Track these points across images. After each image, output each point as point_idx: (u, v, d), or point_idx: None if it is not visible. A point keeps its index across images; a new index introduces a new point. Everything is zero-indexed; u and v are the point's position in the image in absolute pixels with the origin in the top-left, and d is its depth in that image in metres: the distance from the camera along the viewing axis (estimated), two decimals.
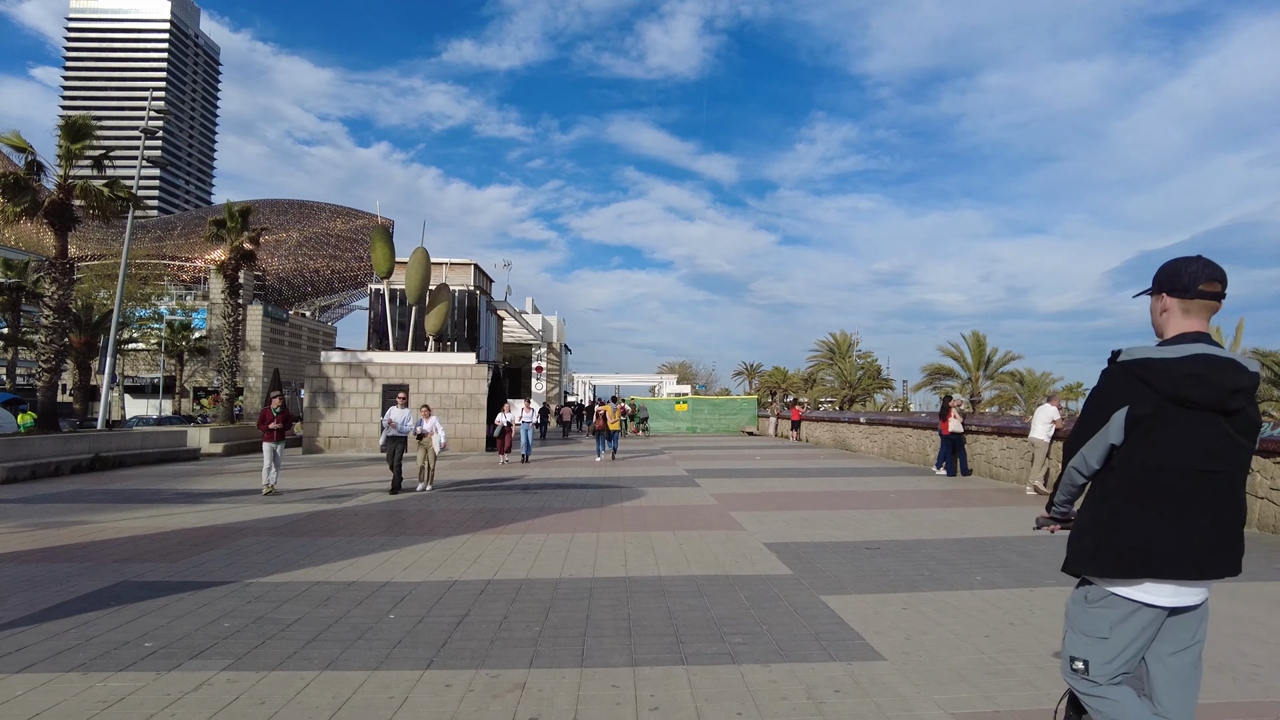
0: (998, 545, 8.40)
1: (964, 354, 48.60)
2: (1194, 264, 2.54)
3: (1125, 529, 2.47)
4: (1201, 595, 2.50)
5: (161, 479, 16.58)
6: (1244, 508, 2.49)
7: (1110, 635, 2.52)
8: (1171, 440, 2.42)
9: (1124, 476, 2.49)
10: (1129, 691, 2.55)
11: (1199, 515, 2.43)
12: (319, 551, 8.32)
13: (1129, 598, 2.49)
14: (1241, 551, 2.48)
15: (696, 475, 16.64)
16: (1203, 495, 2.43)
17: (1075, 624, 2.65)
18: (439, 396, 25.55)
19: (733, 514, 10.87)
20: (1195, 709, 2.56)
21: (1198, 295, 2.51)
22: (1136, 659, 2.55)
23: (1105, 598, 2.54)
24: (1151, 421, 2.42)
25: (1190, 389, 2.38)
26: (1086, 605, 2.61)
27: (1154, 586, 2.46)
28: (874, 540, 8.77)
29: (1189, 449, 2.42)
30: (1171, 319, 2.57)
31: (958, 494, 13.23)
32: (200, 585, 6.72)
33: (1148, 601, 2.47)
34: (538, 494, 13.45)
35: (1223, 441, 2.42)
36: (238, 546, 8.61)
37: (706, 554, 7.99)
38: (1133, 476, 2.47)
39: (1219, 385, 2.37)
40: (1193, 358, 2.40)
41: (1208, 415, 2.41)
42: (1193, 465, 2.42)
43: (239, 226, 27.99)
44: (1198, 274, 2.52)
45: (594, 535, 9.20)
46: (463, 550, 8.30)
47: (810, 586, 6.54)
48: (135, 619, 5.63)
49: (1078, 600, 2.67)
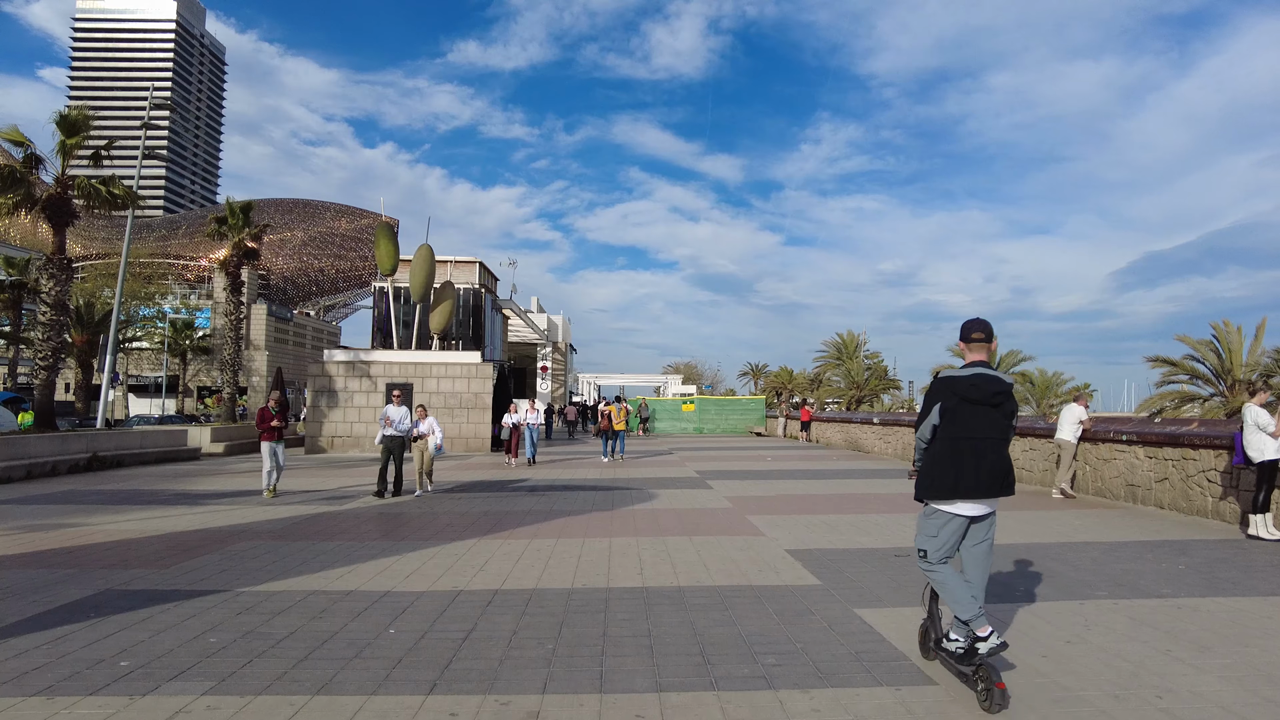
0: (1034, 553, 7.92)
1: None
2: (969, 323, 4.24)
3: (943, 472, 4.06)
4: (988, 509, 4.13)
5: (159, 479, 16.18)
6: (1008, 459, 4.10)
7: (938, 534, 4.16)
8: (965, 421, 4.05)
9: (942, 443, 4.12)
10: (950, 569, 4.18)
11: (982, 463, 4.00)
12: (317, 557, 7.89)
13: (948, 511, 4.11)
14: (1012, 483, 4.10)
15: (708, 477, 16.18)
16: (984, 451, 4.02)
17: (920, 529, 4.29)
18: (443, 396, 25.14)
19: (750, 518, 10.41)
20: (987, 579, 4.25)
21: (971, 341, 4.18)
22: (954, 549, 4.20)
23: (935, 513, 4.18)
24: (954, 411, 4.07)
25: (971, 393, 4.03)
26: (925, 517, 4.26)
27: (961, 505, 4.07)
28: (902, 547, 8.30)
29: (974, 426, 4.04)
30: (966, 355, 4.23)
31: None
32: (189, 594, 6.29)
33: (958, 513, 4.10)
34: (545, 496, 13.01)
35: (993, 421, 4.06)
36: (232, 552, 8.19)
37: (727, 561, 7.53)
38: (946, 442, 4.10)
39: (987, 390, 4.03)
40: (973, 375, 4.07)
41: (984, 407, 4.04)
42: (977, 435, 4.03)
43: (240, 223, 27.60)
44: (969, 328, 4.21)
45: (606, 541, 8.75)
46: (468, 556, 7.86)
47: (842, 598, 6.08)
48: (115, 633, 5.19)
49: (922, 514, 4.32)
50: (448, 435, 24.94)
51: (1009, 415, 4.10)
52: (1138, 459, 11.38)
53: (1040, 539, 8.74)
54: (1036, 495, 12.92)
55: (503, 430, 19.35)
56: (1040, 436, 14.20)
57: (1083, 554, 7.82)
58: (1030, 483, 14.43)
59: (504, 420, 19.41)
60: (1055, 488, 12.61)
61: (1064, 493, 12.45)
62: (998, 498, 4.10)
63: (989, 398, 4.02)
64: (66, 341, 41.65)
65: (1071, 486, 12.56)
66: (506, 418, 19.29)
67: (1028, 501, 12.13)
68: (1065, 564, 7.35)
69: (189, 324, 61.30)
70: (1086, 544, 8.40)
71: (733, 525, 9.84)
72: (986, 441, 4.02)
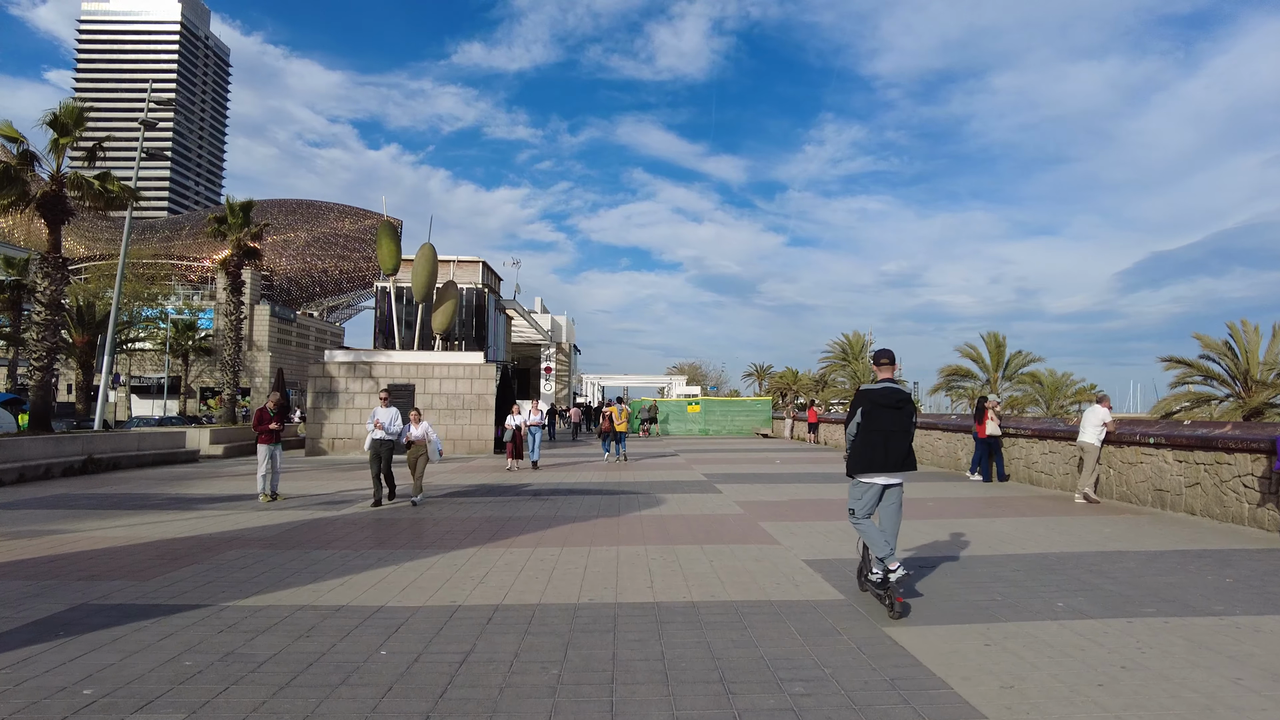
0: (1066, 563, 7.48)
1: (982, 355, 47.49)
2: (879, 351, 6.02)
3: (864, 455, 5.74)
4: (897, 480, 5.82)
5: (155, 483, 15.80)
6: (909, 445, 5.77)
7: (862, 498, 5.81)
8: (878, 420, 5.71)
9: (862, 435, 5.79)
10: (870, 522, 5.82)
11: (890, 448, 5.68)
12: (309, 568, 7.48)
13: (868, 481, 5.79)
14: (913, 462, 5.79)
15: (716, 481, 15.74)
16: (891, 441, 5.69)
17: (851, 494, 5.95)
18: (446, 397, 24.74)
19: (762, 525, 9.97)
20: (899, 531, 5.91)
21: (879, 364, 5.93)
22: (873, 508, 5.83)
23: (859, 483, 5.84)
24: (870, 413, 5.74)
25: (881, 400, 5.73)
26: (853, 486, 5.91)
27: (876, 477, 5.76)
28: (927, 556, 7.87)
29: (884, 423, 5.70)
30: (877, 374, 5.95)
31: (1000, 502, 12.30)
32: (168, 610, 5.88)
33: (875, 482, 5.78)
34: (549, 501, 12.59)
35: (897, 420, 5.71)
36: (220, 561, 7.78)
37: (741, 573, 7.10)
38: (865, 434, 5.77)
39: (892, 398, 5.73)
40: (882, 388, 5.78)
41: (891, 410, 5.71)
42: (886, 429, 5.70)
43: (240, 222, 27.23)
44: (878, 356, 6.01)
45: (613, 549, 8.33)
46: (468, 567, 7.44)
47: (869, 615, 5.64)
48: (83, 655, 4.79)
49: (851, 485, 5.96)
50: (450, 437, 24.54)
51: (909, 415, 5.87)
52: (1166, 463, 10.91)
53: (1072, 547, 8.29)
54: (1058, 500, 12.45)
55: (505, 432, 18.62)
56: (1060, 439, 13.74)
57: (1119, 564, 7.36)
58: (1050, 486, 13.96)
59: (506, 422, 18.75)
60: (1078, 492, 12.15)
61: (1087, 497, 11.98)
62: (902, 472, 5.88)
63: (894, 403, 5.85)
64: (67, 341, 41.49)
65: (1095, 490, 12.09)
66: (510, 419, 18.64)
67: (1051, 506, 11.67)
68: (1103, 576, 6.90)
69: (191, 325, 61.01)
70: (1121, 553, 7.95)
71: (745, 533, 9.41)
72: (893, 434, 5.81)
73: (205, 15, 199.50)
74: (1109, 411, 12.23)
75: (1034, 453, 14.55)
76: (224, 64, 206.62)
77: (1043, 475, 14.22)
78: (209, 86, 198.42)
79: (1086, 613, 5.69)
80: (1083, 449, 12.18)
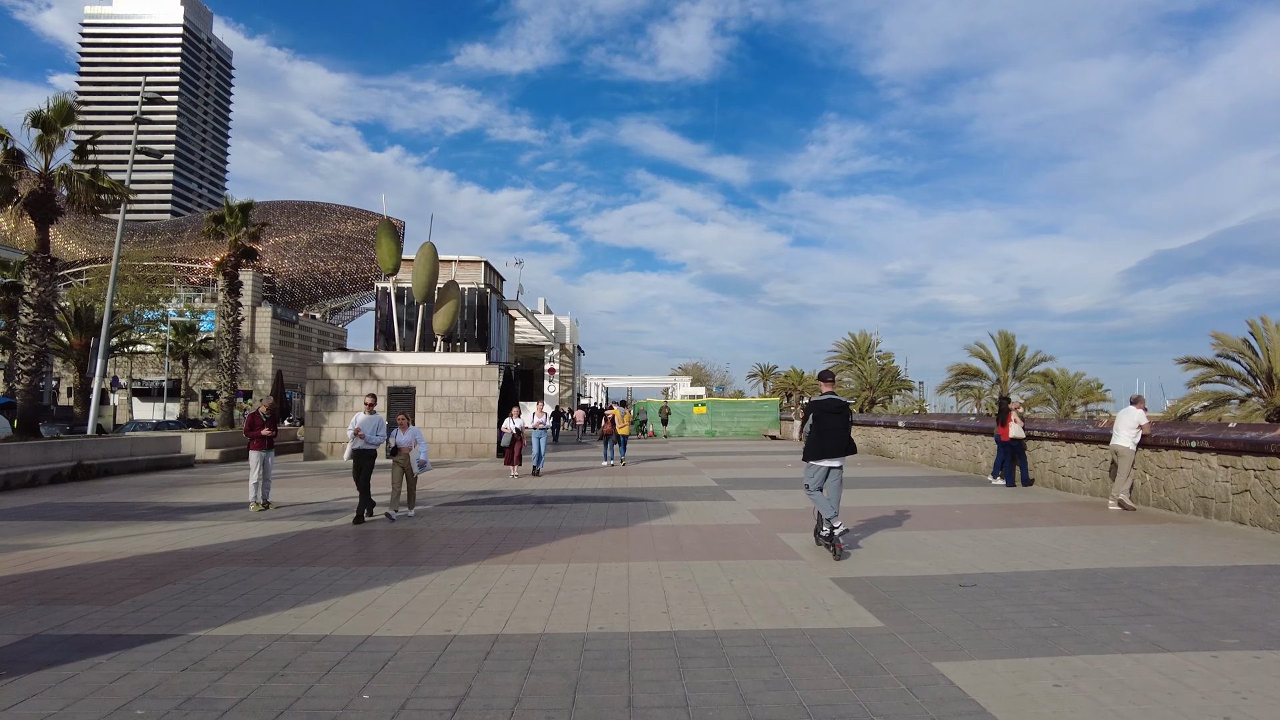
0: (1119, 581, 6.83)
1: (991, 354, 46.74)
2: (822, 372, 9.06)
3: (815, 446, 8.16)
4: (838, 463, 8.18)
5: (144, 490, 15.23)
6: (847, 437, 8.18)
7: (813, 476, 8.22)
8: (823, 422, 8.18)
9: (813, 433, 8.20)
10: (820, 493, 8.18)
11: (833, 441, 8.12)
12: (293, 588, 6.87)
13: (817, 465, 8.20)
14: (852, 449, 8.27)
15: (727, 486, 15.11)
16: (833, 436, 8.13)
17: (806, 474, 8.33)
18: (447, 399, 24.15)
19: (782, 537, 9.34)
20: (840, 502, 8.29)
21: (822, 381, 8.71)
22: (822, 483, 8.18)
23: (811, 465, 8.24)
24: (818, 418, 8.21)
25: (825, 408, 8.22)
26: (808, 467, 8.28)
27: (822, 461, 8.18)
28: (964, 573, 7.23)
29: (827, 424, 8.16)
30: (822, 389, 8.50)
31: (1030, 509, 11.64)
32: (132, 641, 5.27)
33: (821, 465, 8.19)
34: (553, 510, 11.97)
35: (837, 420, 8.18)
36: (198, 580, 7.18)
37: (765, 595, 6.47)
38: (815, 433, 8.20)
39: (832, 406, 8.22)
40: (825, 399, 8.27)
41: (831, 414, 8.18)
42: (829, 428, 8.14)
43: (239, 222, 26.67)
44: (822, 376, 8.94)
45: (623, 566, 7.70)
46: (465, 588, 6.82)
47: (915, 647, 5.01)
48: (20, 701, 4.18)
49: (807, 467, 8.31)
50: (451, 441, 23.93)
51: (846, 417, 8.22)
52: (1210, 468, 10.25)
53: (1120, 562, 7.64)
54: (1090, 506, 11.79)
55: (504, 437, 17.45)
56: (1090, 442, 13.08)
57: (1179, 583, 6.71)
58: (1079, 492, 13.29)
59: (505, 425, 17.46)
60: (1112, 498, 11.49)
61: (1122, 504, 11.33)
62: (843, 457, 8.17)
63: (834, 410, 8.18)
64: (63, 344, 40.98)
65: (1129, 497, 11.44)
66: (508, 423, 17.39)
67: (1084, 514, 11.02)
68: (1165, 597, 6.25)
69: (191, 327, 60.52)
70: (1177, 569, 7.30)
71: (765, 546, 8.77)
72: (835, 431, 8.12)
73: (208, 18, 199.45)
74: (1144, 413, 11.57)
75: (1061, 456, 13.89)
76: (227, 66, 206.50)
77: (1071, 480, 13.56)
78: (212, 89, 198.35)
79: (1160, 644, 5.05)
80: (1117, 453, 11.52)
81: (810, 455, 8.19)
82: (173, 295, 69.01)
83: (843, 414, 8.19)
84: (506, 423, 17.36)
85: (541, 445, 17.85)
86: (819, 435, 8.13)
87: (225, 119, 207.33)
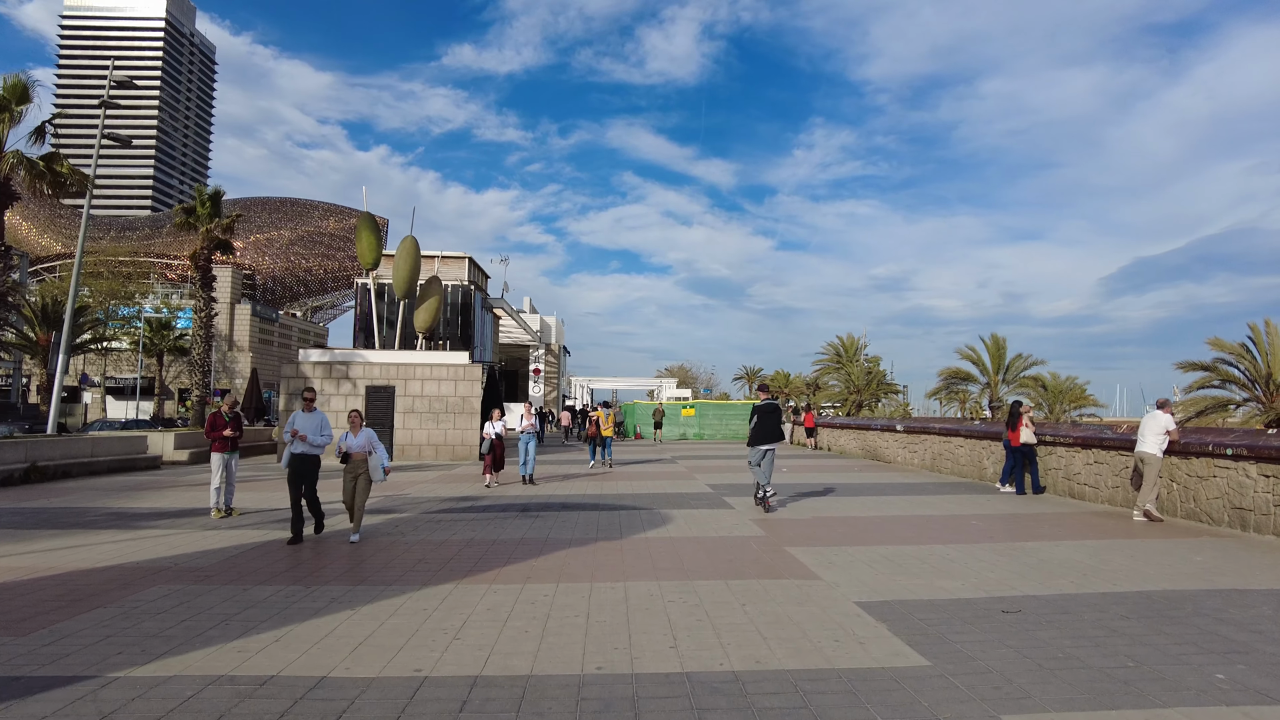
0: (1184, 608, 6.05)
1: (981, 357, 46.22)
2: (760, 385, 12.95)
3: (756, 435, 11.60)
4: (771, 446, 11.60)
5: (100, 494, 14.21)
6: (778, 428, 11.62)
7: (756, 455, 11.68)
8: (762, 419, 11.58)
9: (755, 426, 11.60)
10: (758, 467, 11.66)
11: (769, 432, 11.56)
12: (243, 612, 5.97)
13: (758, 448, 11.61)
14: (782, 437, 11.75)
15: (723, 493, 14.28)
16: (767, 429, 11.55)
17: (750, 455, 11.88)
18: (428, 399, 23.18)
19: (791, 551, 8.52)
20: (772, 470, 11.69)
21: (760, 391, 12.25)
22: (760, 461, 11.63)
23: (754, 449, 11.69)
24: (757, 417, 11.61)
25: (763, 410, 11.62)
26: (751, 451, 11.77)
27: (761, 445, 11.58)
28: (1003, 596, 6.43)
29: (764, 421, 11.56)
30: (761, 397, 11.94)
31: (1050, 520, 10.90)
32: (29, 687, 4.37)
33: (761, 448, 11.57)
34: (540, 520, 11.10)
35: (772, 419, 11.60)
36: (135, 603, 6.27)
37: (786, 624, 5.64)
38: (756, 426, 11.60)
39: (768, 407, 11.66)
40: (762, 404, 11.71)
41: (768, 414, 11.60)
42: (765, 425, 11.56)
43: (210, 213, 25.55)
44: (761, 388, 12.34)
45: (620, 587, 6.85)
46: (440, 613, 5.94)
47: (974, 694, 4.20)
48: None
49: (750, 450, 11.82)
50: (432, 443, 22.98)
51: (778, 415, 11.50)
52: (1249, 477, 9.54)
53: (1173, 583, 6.86)
54: (1113, 517, 11.06)
55: (483, 443, 15.42)
56: (1108, 448, 12.36)
57: (1251, 610, 5.94)
58: (1095, 500, 12.57)
59: (485, 430, 15.45)
60: (1138, 509, 10.76)
61: (1149, 514, 10.60)
62: (774, 443, 11.44)
63: (769, 412, 11.47)
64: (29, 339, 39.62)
65: (1155, 507, 10.72)
66: (487, 427, 15.43)
67: (1110, 526, 10.26)
68: (1241, 628, 5.47)
69: (166, 324, 59.01)
70: (1240, 592, 6.53)
71: (775, 563, 7.95)
72: (769, 425, 11.41)
73: (190, 12, 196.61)
74: (1172, 418, 10.86)
75: (1076, 463, 13.17)
76: (210, 61, 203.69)
77: (1086, 488, 12.84)
78: (194, 84, 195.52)
79: (1269, 693, 4.26)
80: (1143, 460, 10.79)
81: (754, 442, 11.65)
82: (150, 291, 67.46)
83: (775, 414, 11.67)
84: (485, 427, 15.55)
85: (531, 450, 16.21)
86: (760, 428, 11.58)
87: (208, 115, 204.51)
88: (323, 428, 9.55)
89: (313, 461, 9.44)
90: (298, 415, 9.52)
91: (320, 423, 9.56)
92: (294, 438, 9.26)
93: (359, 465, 9.36)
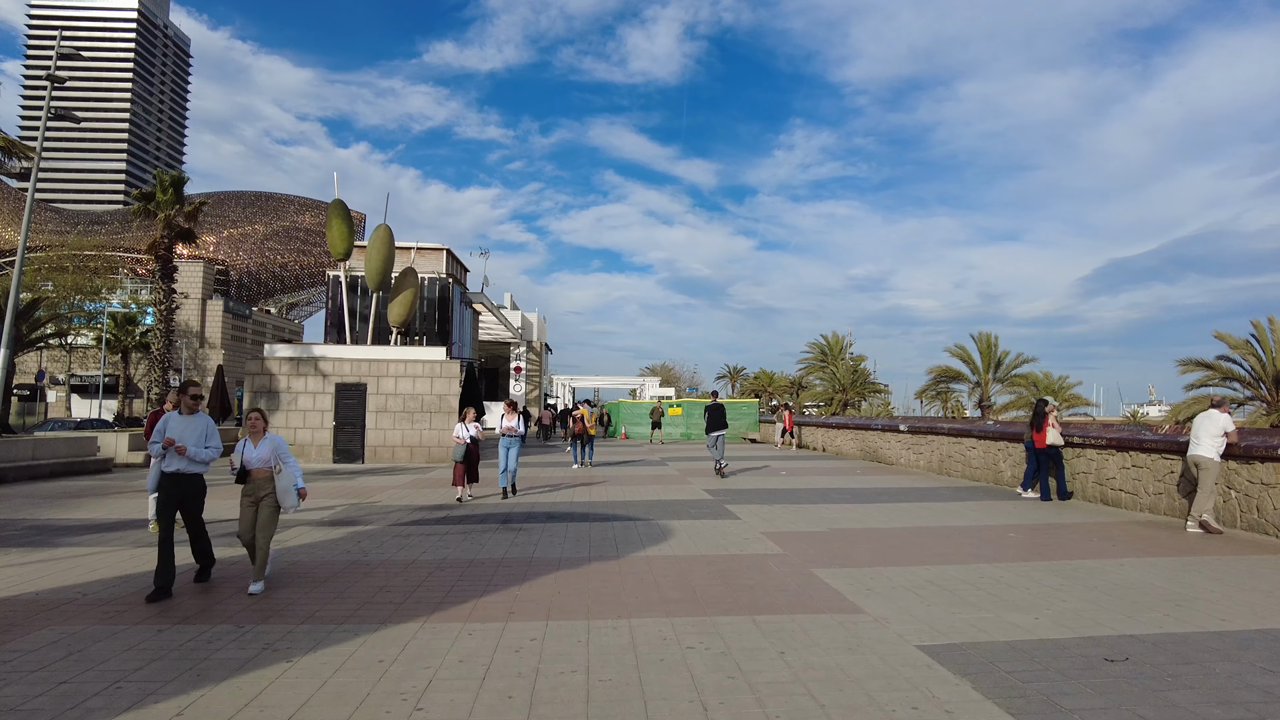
0: None
1: (972, 356, 45.46)
2: (712, 392, 20.28)
3: (710, 425, 17.58)
4: (720, 433, 17.23)
5: (31, 503, 12.74)
6: (723, 419, 17.40)
7: (710, 440, 17.60)
8: (712, 415, 17.53)
9: (708, 418, 17.54)
10: (714, 449, 17.42)
11: (717, 423, 17.34)
12: (144, 668, 4.66)
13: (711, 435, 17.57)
14: (725, 426, 17.47)
15: (724, 500, 13.06)
16: (715, 421, 17.41)
17: (707, 440, 19.16)
18: (402, 398, 21.77)
19: (819, 574, 7.30)
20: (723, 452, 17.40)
21: (710, 395, 20.74)
22: (713, 444, 17.34)
23: (709, 435, 17.65)
24: (708, 413, 17.62)
25: (712, 409, 17.60)
26: (707, 437, 18.25)
27: (713, 433, 17.39)
28: (1098, 637, 5.24)
29: (713, 416, 17.50)
30: (710, 398, 18.62)
31: (1094, 531, 9.77)
32: None
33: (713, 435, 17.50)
34: (524, 533, 9.81)
35: (719, 413, 17.46)
36: (8, 655, 4.92)
37: (841, 681, 4.41)
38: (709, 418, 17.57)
39: (716, 406, 17.64)
40: (711, 404, 17.83)
41: (714, 410, 17.58)
42: (714, 419, 17.44)
43: (171, 199, 23.97)
44: (713, 394, 19.31)
45: (624, 626, 5.59)
46: (400, 667, 4.66)
47: None
48: None
49: (707, 437, 18.28)
50: (406, 444, 21.57)
51: (723, 412, 17.46)
52: None
53: (1271, 621, 5.71)
54: (1160, 528, 9.94)
55: (457, 449, 13.14)
56: (1150, 450, 11.28)
57: None
58: (1134, 508, 11.49)
59: (456, 433, 13.26)
60: (1192, 519, 9.66)
61: (1206, 526, 9.51)
62: (720, 431, 17.20)
63: (716, 410, 17.51)
64: None
65: (1214, 518, 9.63)
66: (459, 429, 13.29)
67: (1164, 539, 9.13)
68: None
69: (131, 319, 56.92)
70: None
71: (804, 591, 6.72)
72: (715, 420, 17.39)
73: (164, 4, 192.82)
74: (1229, 418, 9.78)
75: (1110, 467, 12.08)
76: (184, 54, 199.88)
77: (1123, 494, 11.75)
78: (168, 77, 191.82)
79: None
80: (1197, 464, 9.68)
81: (708, 430, 17.20)
82: (118, 286, 65.29)
83: (720, 409, 17.31)
84: (457, 429, 13.35)
85: (514, 456, 13.64)
86: (711, 419, 17.23)
87: (183, 109, 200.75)
88: (206, 436, 6.95)
89: (194, 482, 6.97)
90: (171, 417, 6.98)
91: (203, 429, 6.95)
92: (166, 450, 6.78)
93: (262, 486, 6.92)
